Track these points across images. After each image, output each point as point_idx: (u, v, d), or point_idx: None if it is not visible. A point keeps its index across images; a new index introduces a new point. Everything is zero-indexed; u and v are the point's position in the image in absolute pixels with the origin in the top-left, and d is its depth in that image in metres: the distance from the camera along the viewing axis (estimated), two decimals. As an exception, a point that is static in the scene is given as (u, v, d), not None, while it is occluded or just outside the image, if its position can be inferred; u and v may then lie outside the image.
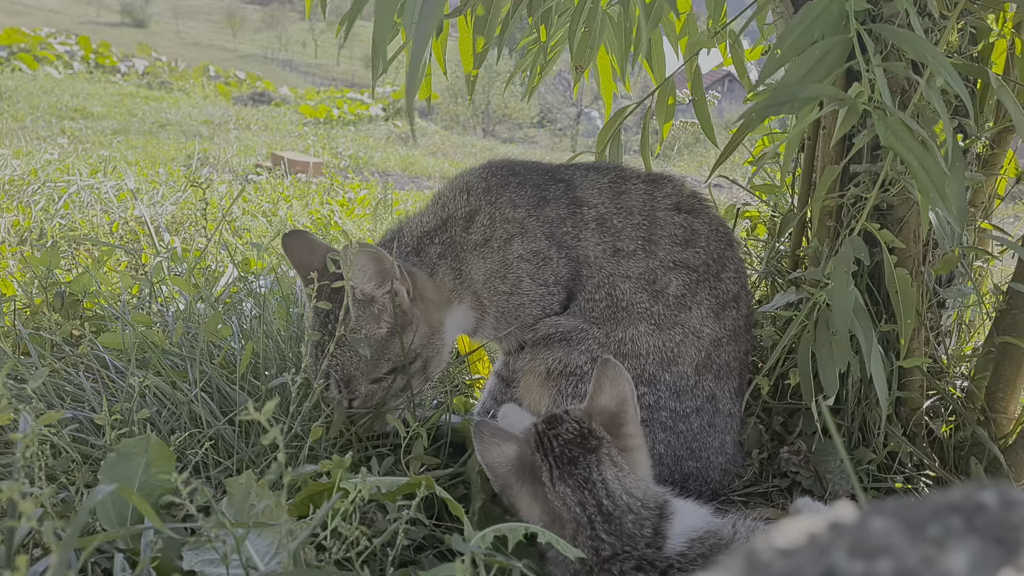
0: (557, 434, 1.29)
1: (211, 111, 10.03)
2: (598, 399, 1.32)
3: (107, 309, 1.91)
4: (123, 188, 3.56)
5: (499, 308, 1.70)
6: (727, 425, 1.67)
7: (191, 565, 1.17)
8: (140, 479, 1.32)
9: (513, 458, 1.30)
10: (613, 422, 1.30)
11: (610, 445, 1.28)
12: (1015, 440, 1.67)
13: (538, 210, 1.71)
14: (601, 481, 1.23)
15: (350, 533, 1.17)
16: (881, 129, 1.33)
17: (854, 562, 0.45)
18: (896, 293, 1.54)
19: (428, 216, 1.75)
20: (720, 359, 1.66)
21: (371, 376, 1.59)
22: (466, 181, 1.77)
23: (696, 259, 1.67)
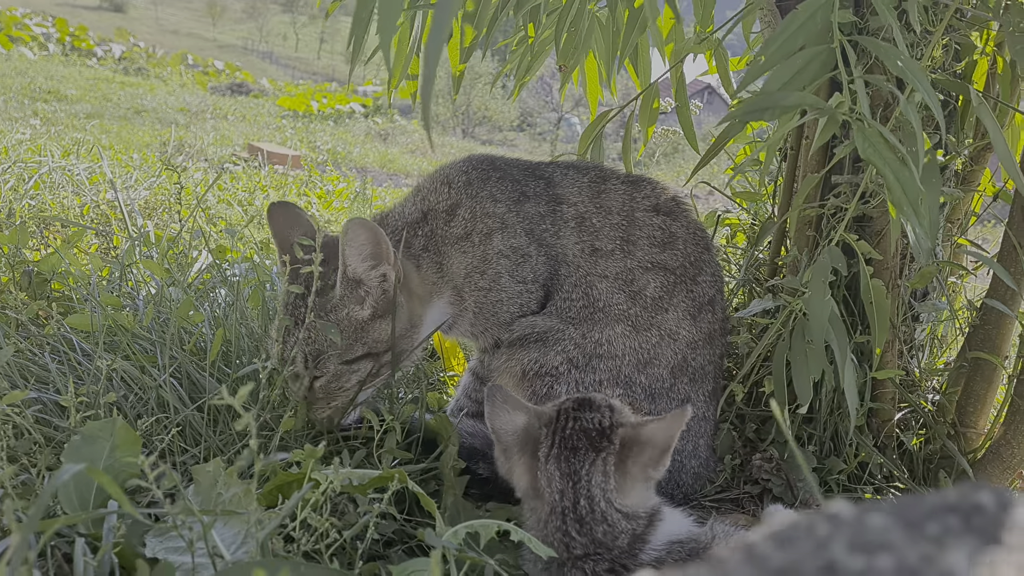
0: (578, 418, 1.26)
1: (188, 99, 9.91)
2: (650, 426, 1.24)
3: (76, 290, 1.87)
4: (96, 171, 3.50)
5: (477, 303, 1.68)
6: (701, 429, 1.67)
7: (154, 552, 1.14)
8: (105, 463, 1.28)
9: (520, 428, 1.29)
10: (641, 452, 1.23)
11: (613, 457, 1.23)
12: (984, 455, 1.69)
13: (518, 206, 1.69)
14: (587, 481, 1.21)
15: (320, 524, 1.15)
16: (860, 140, 1.34)
17: (854, 557, 0.44)
18: (871, 304, 1.55)
19: (409, 207, 1.73)
20: (696, 362, 1.66)
21: (343, 357, 1.55)
22: (447, 174, 1.75)
23: (674, 261, 1.67)
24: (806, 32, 1.38)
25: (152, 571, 1.10)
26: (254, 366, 1.51)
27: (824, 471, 1.72)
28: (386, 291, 1.55)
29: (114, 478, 1.28)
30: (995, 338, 1.66)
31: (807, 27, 1.38)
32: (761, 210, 2.01)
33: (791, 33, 1.38)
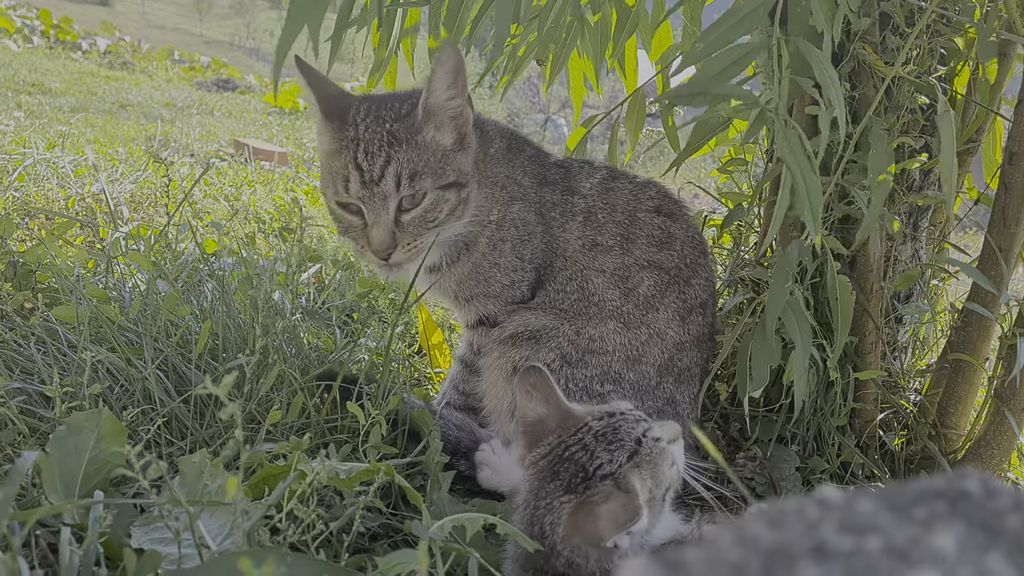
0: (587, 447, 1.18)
1: (174, 94, 9.84)
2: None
3: (61, 282, 1.86)
4: (81, 163, 3.48)
5: (474, 260, 1.69)
6: (685, 431, 1.68)
7: (140, 542, 1.14)
8: (90, 453, 1.28)
9: (534, 418, 1.24)
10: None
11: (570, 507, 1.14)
12: (964, 455, 1.71)
13: (539, 187, 1.72)
14: (544, 512, 1.16)
15: (306, 516, 1.15)
16: (779, 139, 1.37)
17: (843, 538, 0.45)
18: (836, 300, 1.57)
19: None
20: (682, 363, 1.67)
21: (439, 180, 1.55)
22: (485, 122, 1.78)
23: (669, 261, 1.68)
24: (745, 25, 1.41)
25: (138, 561, 1.09)
26: (239, 361, 1.51)
27: (807, 470, 1.74)
28: (461, 126, 1.58)
29: (99, 469, 1.27)
30: (976, 341, 1.68)
31: (747, 20, 1.40)
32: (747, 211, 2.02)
33: (730, 25, 1.40)
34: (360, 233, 1.56)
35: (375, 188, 1.51)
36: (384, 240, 1.53)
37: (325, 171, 1.60)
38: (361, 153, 1.51)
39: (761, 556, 0.45)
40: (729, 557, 0.46)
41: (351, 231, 1.58)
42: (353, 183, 1.52)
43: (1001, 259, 1.58)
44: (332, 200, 1.58)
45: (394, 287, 2.40)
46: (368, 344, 1.92)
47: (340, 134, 1.55)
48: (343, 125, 1.55)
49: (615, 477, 1.14)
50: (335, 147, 1.56)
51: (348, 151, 1.52)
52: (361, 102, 1.58)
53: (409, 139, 1.52)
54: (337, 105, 1.58)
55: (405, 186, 1.51)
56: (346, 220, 1.58)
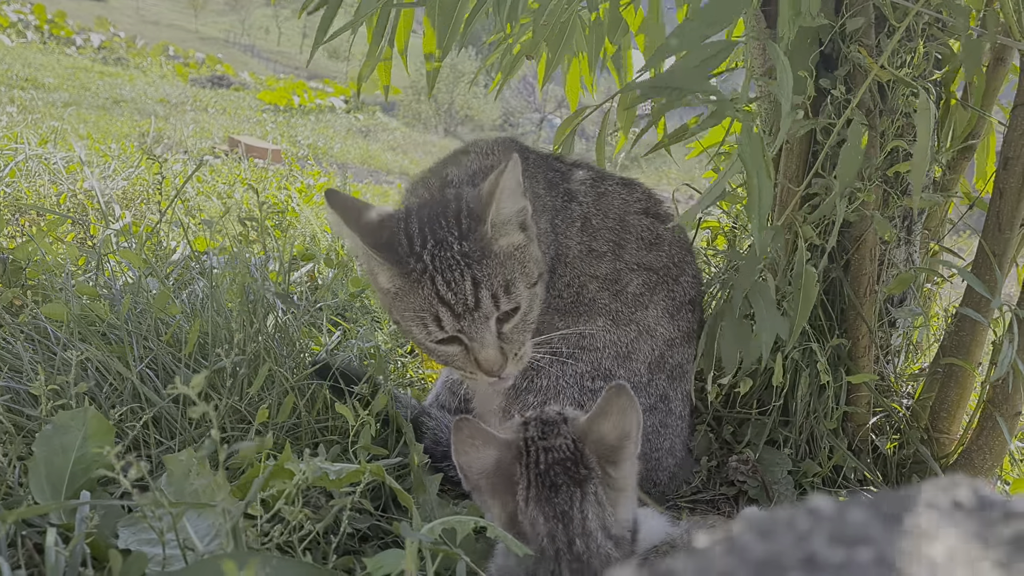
0: (548, 448, 1.17)
1: (168, 91, 9.81)
2: (599, 425, 1.19)
3: (51, 279, 1.84)
4: (73, 160, 3.45)
5: None
6: (678, 427, 1.68)
7: (127, 543, 1.13)
8: (76, 452, 1.27)
9: (490, 464, 1.20)
10: (608, 456, 1.18)
11: (599, 481, 1.16)
12: (956, 460, 1.71)
13: (551, 195, 1.69)
14: (581, 519, 1.13)
15: (293, 517, 1.14)
16: (744, 139, 1.37)
17: (834, 550, 0.45)
18: (799, 290, 1.56)
19: (470, 162, 1.67)
20: (673, 359, 1.67)
21: (529, 279, 1.47)
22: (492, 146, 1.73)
23: (658, 262, 1.68)
24: (719, 23, 1.41)
25: (125, 562, 1.08)
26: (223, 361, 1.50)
27: (799, 474, 1.73)
28: (525, 219, 1.49)
29: (86, 468, 1.26)
30: (969, 345, 1.68)
31: (721, 19, 1.40)
32: (741, 213, 2.02)
33: (708, 22, 1.40)
34: (464, 359, 1.44)
35: (475, 315, 1.39)
36: (496, 359, 1.42)
37: (395, 311, 1.47)
38: (442, 285, 1.38)
39: (751, 567, 0.44)
40: (718, 567, 0.45)
41: (453, 360, 1.46)
42: (446, 319, 1.39)
43: (995, 264, 1.58)
44: (424, 341, 1.44)
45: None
46: (360, 344, 1.91)
47: (402, 269, 1.41)
48: (400, 258, 1.41)
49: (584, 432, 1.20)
50: (400, 285, 1.43)
51: (423, 287, 1.40)
52: (408, 223, 1.44)
53: (486, 253, 1.41)
54: (382, 234, 1.44)
55: (504, 301, 1.41)
56: (443, 352, 1.45)
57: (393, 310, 1.48)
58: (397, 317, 1.48)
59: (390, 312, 1.51)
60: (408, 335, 1.50)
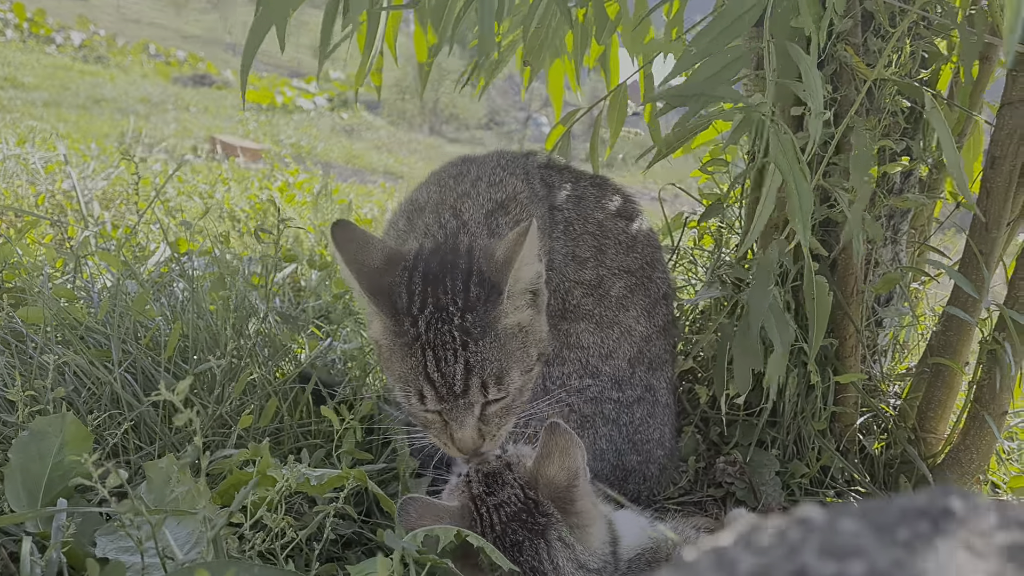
0: (499, 504, 1.13)
1: (149, 90, 9.74)
2: (546, 469, 1.15)
3: (28, 281, 1.81)
4: (52, 160, 3.41)
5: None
6: (665, 416, 1.67)
7: (105, 551, 1.11)
8: (54, 459, 1.24)
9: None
10: (562, 498, 1.14)
11: (560, 524, 1.13)
12: (944, 460, 1.71)
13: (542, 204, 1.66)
14: (553, 569, 1.10)
15: (275, 524, 1.12)
16: (773, 144, 1.36)
17: (825, 563, 0.43)
18: (812, 300, 1.56)
19: (484, 196, 1.59)
20: (651, 352, 1.67)
21: (525, 366, 1.37)
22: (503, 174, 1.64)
23: (635, 263, 1.68)
24: (737, 28, 1.40)
25: (102, 571, 1.06)
26: (209, 364, 1.48)
27: (787, 475, 1.73)
28: (536, 285, 1.41)
29: (63, 475, 1.24)
30: (956, 344, 1.67)
31: (738, 24, 1.40)
32: (728, 212, 2.01)
33: (723, 28, 1.40)
34: (441, 429, 1.35)
35: (459, 401, 1.30)
36: (471, 440, 1.32)
37: (382, 360, 1.40)
38: (431, 362, 1.29)
39: (740, 581, 0.43)
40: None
41: (430, 427, 1.37)
42: (429, 397, 1.31)
43: (982, 262, 1.58)
44: (403, 402, 1.37)
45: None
46: (343, 347, 1.89)
47: (396, 327, 1.32)
48: (396, 314, 1.32)
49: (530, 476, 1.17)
50: (391, 343, 1.34)
51: (412, 357, 1.31)
52: (413, 276, 1.34)
53: (487, 332, 1.31)
54: (385, 278, 1.35)
55: (493, 391, 1.31)
56: (422, 416, 1.36)
57: (380, 358, 1.40)
58: (384, 367, 1.40)
59: (378, 356, 1.42)
60: (387, 377, 1.42)
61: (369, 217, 3.70)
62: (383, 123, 12.47)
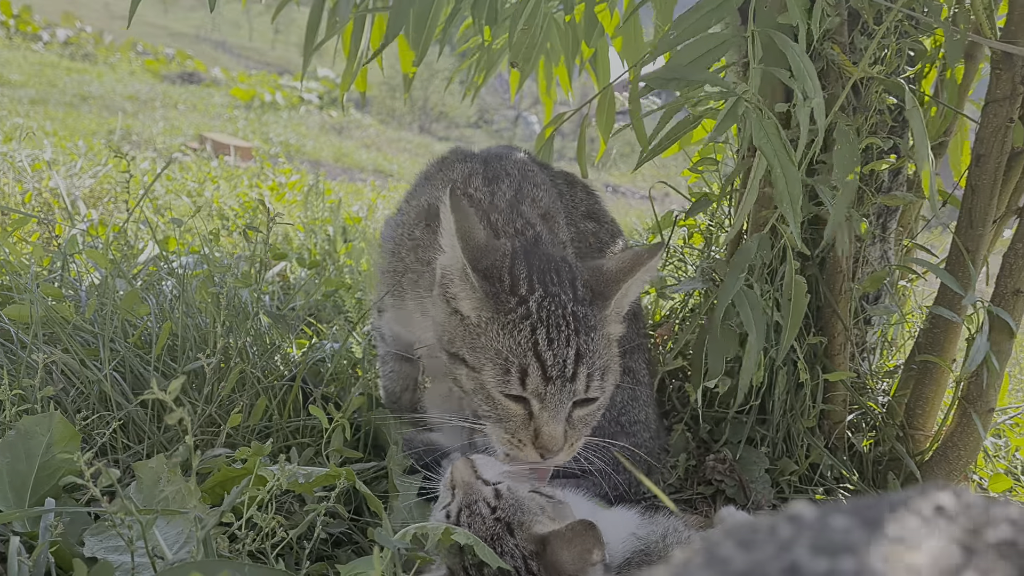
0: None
1: (137, 87, 9.67)
2: (559, 550, 1.09)
3: (15, 280, 1.80)
4: (39, 158, 3.39)
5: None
6: (648, 397, 1.68)
7: (93, 551, 1.10)
8: (41, 459, 1.24)
9: None
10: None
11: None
12: (931, 456, 1.72)
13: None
14: None
15: (265, 523, 1.12)
16: (756, 129, 1.36)
17: (817, 559, 0.43)
18: (789, 300, 1.57)
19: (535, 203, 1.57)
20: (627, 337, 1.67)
21: (614, 378, 1.34)
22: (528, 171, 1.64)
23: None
24: (720, 12, 1.40)
25: (90, 571, 1.06)
26: (199, 363, 1.47)
27: (776, 472, 1.73)
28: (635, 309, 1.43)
29: (51, 475, 1.24)
30: (943, 342, 1.69)
31: (721, 8, 1.40)
32: (718, 211, 2.02)
33: (704, 14, 1.40)
34: (521, 424, 1.25)
35: (565, 386, 1.23)
36: (559, 439, 1.24)
37: (461, 341, 1.29)
38: (543, 339, 1.23)
39: (732, 579, 0.43)
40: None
41: (508, 420, 1.26)
42: (533, 377, 1.22)
43: (968, 260, 1.59)
44: (489, 386, 1.26)
45: (360, 286, 2.37)
46: (332, 346, 1.89)
47: (497, 304, 1.25)
48: (497, 292, 1.26)
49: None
50: (488, 319, 1.26)
51: (519, 333, 1.23)
52: (514, 262, 1.30)
53: (596, 328, 1.28)
54: (485, 258, 1.29)
55: (595, 387, 1.27)
56: (505, 407, 1.26)
57: (457, 339, 1.30)
58: (461, 349, 1.29)
59: (448, 339, 1.32)
60: (464, 371, 1.29)
61: (359, 215, 3.69)
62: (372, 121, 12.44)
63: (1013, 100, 1.53)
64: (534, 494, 1.20)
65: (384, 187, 6.17)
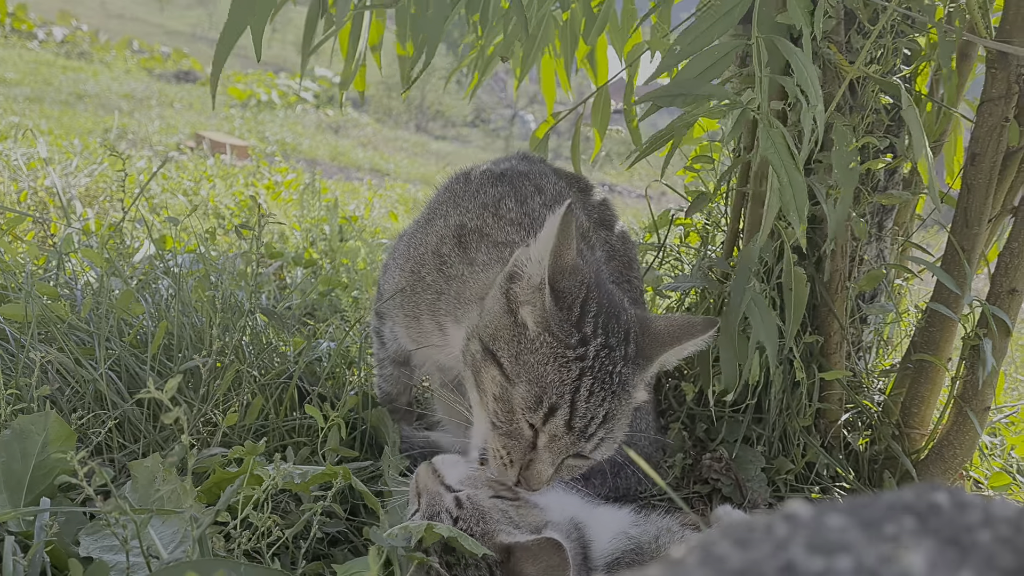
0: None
1: (133, 86, 9.64)
2: (523, 565, 1.08)
3: (10, 279, 1.79)
4: (34, 156, 3.38)
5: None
6: (647, 403, 1.68)
7: (89, 551, 1.10)
8: (37, 458, 1.23)
9: None
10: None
11: None
12: (927, 455, 1.72)
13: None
14: None
15: (261, 523, 1.11)
16: (764, 139, 1.36)
17: (813, 558, 0.43)
18: (791, 291, 1.57)
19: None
20: None
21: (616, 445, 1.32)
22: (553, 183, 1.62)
23: (616, 271, 1.67)
24: (723, 26, 1.40)
25: (86, 570, 1.05)
26: (195, 362, 1.47)
27: (772, 471, 1.74)
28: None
29: (47, 474, 1.23)
30: (939, 341, 1.69)
31: (724, 21, 1.40)
32: (714, 210, 2.02)
33: (708, 25, 1.40)
34: (517, 446, 1.23)
35: (577, 439, 1.22)
36: (543, 480, 1.24)
37: (505, 345, 1.24)
38: (584, 392, 1.20)
39: (728, 578, 0.43)
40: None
41: (511, 438, 1.24)
42: (557, 420, 1.20)
43: (964, 259, 1.59)
44: (519, 408, 1.22)
45: (357, 285, 2.37)
46: (329, 344, 1.89)
47: (561, 332, 1.21)
48: (564, 320, 1.22)
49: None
50: (544, 342, 1.22)
51: (567, 370, 1.20)
52: (588, 296, 1.25)
53: (630, 393, 1.26)
54: (565, 280, 1.23)
55: (600, 452, 1.26)
56: (518, 427, 1.23)
57: (501, 340, 1.25)
58: (502, 352, 1.24)
59: (491, 333, 1.27)
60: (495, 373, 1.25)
61: (356, 214, 3.69)
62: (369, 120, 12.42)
63: (1008, 99, 1.54)
64: (496, 499, 1.19)
65: (381, 186, 6.16)
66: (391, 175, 7.75)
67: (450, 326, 1.44)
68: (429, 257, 1.50)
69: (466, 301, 1.40)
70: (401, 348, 1.63)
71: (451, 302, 1.43)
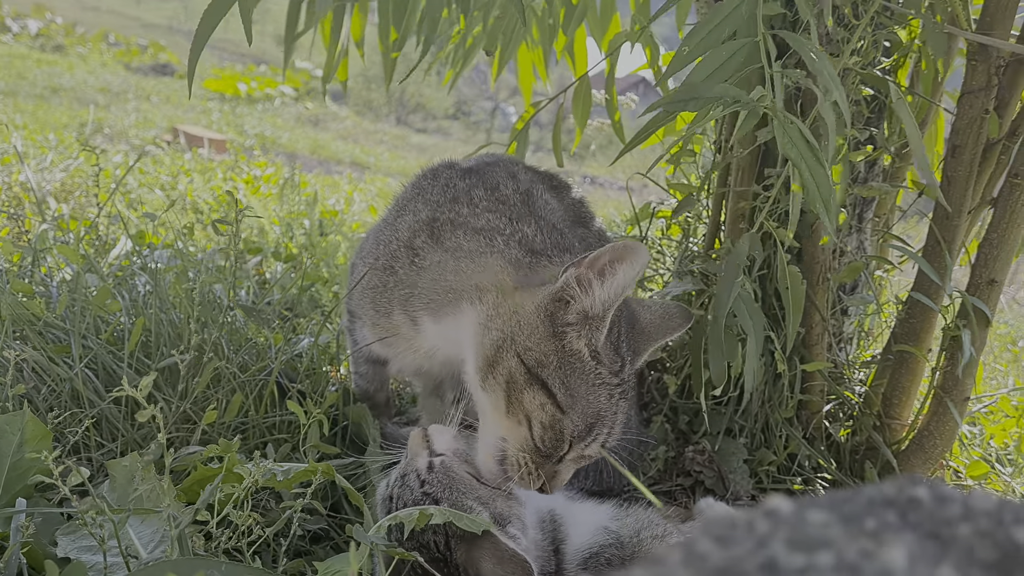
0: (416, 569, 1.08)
1: (109, 79, 9.54)
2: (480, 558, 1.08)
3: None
4: (8, 151, 3.33)
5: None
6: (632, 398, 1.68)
7: (67, 551, 1.09)
8: (12, 458, 1.22)
9: None
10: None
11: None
12: (908, 446, 1.73)
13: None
14: None
15: (242, 521, 1.10)
16: (779, 135, 1.35)
17: (794, 555, 0.43)
18: (787, 290, 1.57)
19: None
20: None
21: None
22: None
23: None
24: (731, 23, 1.39)
25: (63, 571, 1.04)
26: (173, 359, 1.45)
27: (755, 462, 1.74)
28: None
29: (22, 474, 1.21)
30: (919, 332, 1.70)
31: (732, 19, 1.39)
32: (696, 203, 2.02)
33: (716, 24, 1.38)
34: (547, 463, 1.24)
35: (601, 447, 1.25)
36: (563, 482, 1.28)
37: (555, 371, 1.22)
38: (622, 412, 1.25)
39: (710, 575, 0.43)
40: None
41: (546, 457, 1.24)
42: (596, 439, 1.24)
43: (945, 250, 1.60)
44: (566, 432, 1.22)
45: (337, 280, 2.35)
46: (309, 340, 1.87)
47: (599, 360, 1.23)
48: (604, 350, 1.23)
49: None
50: (583, 365, 1.22)
51: (596, 396, 1.22)
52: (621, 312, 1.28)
53: (631, 392, 1.31)
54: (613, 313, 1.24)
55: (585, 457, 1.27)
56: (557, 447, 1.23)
57: (551, 366, 1.22)
58: (553, 378, 1.22)
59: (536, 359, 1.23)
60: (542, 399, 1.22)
61: (336, 208, 3.67)
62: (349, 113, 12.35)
63: (988, 91, 1.54)
64: (473, 479, 1.20)
65: (361, 179, 6.13)
66: (371, 168, 7.71)
67: (424, 319, 1.42)
68: (402, 251, 1.49)
69: (446, 291, 1.38)
70: (372, 352, 1.61)
71: (426, 294, 1.42)
